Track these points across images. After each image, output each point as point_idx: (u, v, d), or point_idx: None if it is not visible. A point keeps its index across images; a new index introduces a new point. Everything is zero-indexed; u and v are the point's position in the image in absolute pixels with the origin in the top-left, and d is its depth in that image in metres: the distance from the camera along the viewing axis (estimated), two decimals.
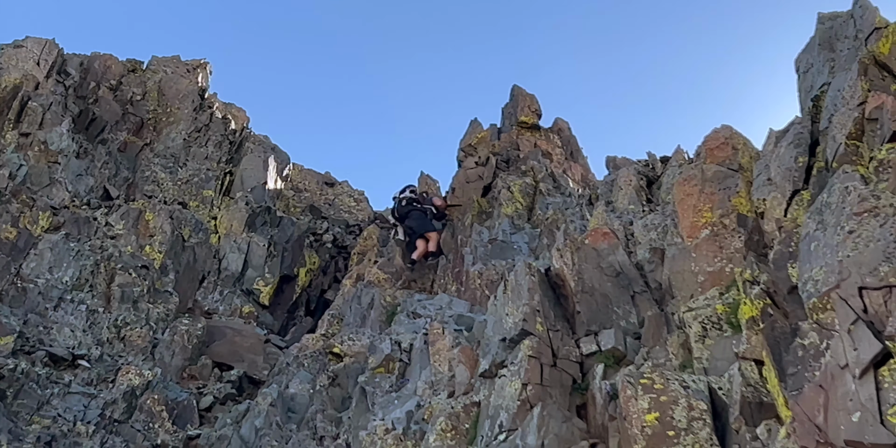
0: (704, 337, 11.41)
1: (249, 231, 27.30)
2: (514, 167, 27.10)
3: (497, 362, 13.56)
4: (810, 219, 9.74)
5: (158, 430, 17.40)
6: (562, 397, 12.35)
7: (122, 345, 20.49)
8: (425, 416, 14.63)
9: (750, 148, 14.14)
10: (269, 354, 22.40)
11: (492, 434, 12.48)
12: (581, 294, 13.75)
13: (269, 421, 17.42)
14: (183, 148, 30.93)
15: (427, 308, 20.71)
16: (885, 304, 7.18)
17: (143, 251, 24.03)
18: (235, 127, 33.07)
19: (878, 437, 6.45)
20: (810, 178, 11.50)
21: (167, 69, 34.22)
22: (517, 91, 31.94)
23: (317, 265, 28.94)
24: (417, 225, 24.27)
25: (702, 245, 12.84)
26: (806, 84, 13.78)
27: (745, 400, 9.31)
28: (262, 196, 29.94)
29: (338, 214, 33.74)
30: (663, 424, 9.70)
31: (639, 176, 18.69)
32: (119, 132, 30.45)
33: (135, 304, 21.69)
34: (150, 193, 28.25)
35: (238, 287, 26.02)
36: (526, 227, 23.24)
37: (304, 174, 35.46)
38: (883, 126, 9.74)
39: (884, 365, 6.78)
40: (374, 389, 17.18)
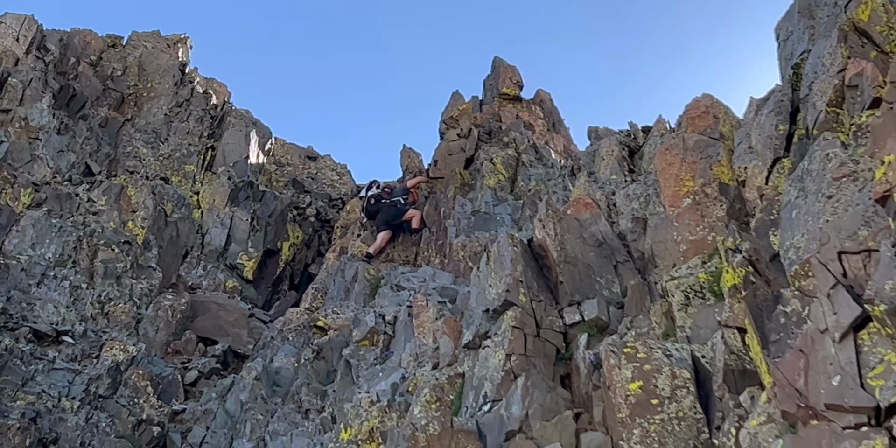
0: (687, 305, 11.43)
1: (232, 205, 27.21)
2: (497, 139, 27.08)
3: (481, 333, 13.55)
4: (791, 186, 9.75)
5: (143, 405, 17.37)
6: (546, 367, 12.36)
7: (106, 320, 20.45)
8: (410, 388, 14.64)
9: (731, 116, 14.13)
10: (254, 329, 22.38)
11: (476, 405, 12.50)
12: (564, 264, 13.75)
13: (254, 395, 17.42)
14: (164, 123, 30.80)
15: (411, 280, 20.71)
16: (864, 267, 7.20)
17: (126, 227, 23.94)
18: (217, 102, 32.94)
19: (858, 401, 6.47)
20: (791, 145, 11.51)
21: (147, 44, 34.05)
22: (498, 63, 31.87)
23: (300, 239, 28.89)
24: (389, 217, 24.22)
25: (684, 214, 12.85)
26: (786, 52, 13.77)
27: (728, 367, 9.32)
28: (244, 170, 29.84)
29: (320, 188, 33.66)
30: (647, 393, 9.73)
31: (621, 146, 18.68)
32: (100, 108, 30.30)
33: (118, 279, 21.63)
34: (132, 169, 28.11)
35: (221, 262, 25.95)
36: (508, 198, 23.25)
37: (286, 148, 35.36)
38: (863, 93, 9.74)
39: (863, 328, 6.80)
40: (359, 362, 17.19)
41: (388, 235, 23.79)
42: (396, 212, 24.19)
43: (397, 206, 24.29)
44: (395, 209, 24.23)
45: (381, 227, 24.00)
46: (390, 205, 24.30)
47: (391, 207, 24.27)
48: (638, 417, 9.60)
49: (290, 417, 16.70)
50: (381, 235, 23.71)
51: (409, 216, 24.10)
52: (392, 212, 24.19)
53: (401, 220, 24.12)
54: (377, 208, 24.44)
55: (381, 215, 24.25)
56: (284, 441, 15.93)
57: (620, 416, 9.68)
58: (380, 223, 24.16)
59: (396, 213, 24.19)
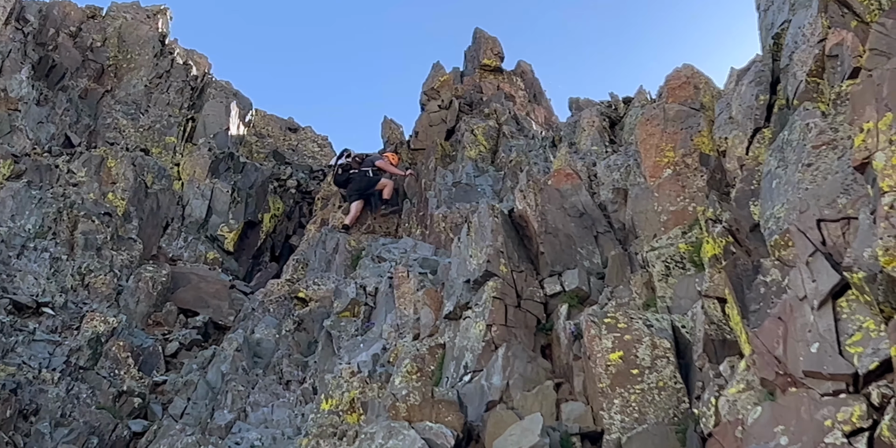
0: (667, 276, 11.46)
1: (213, 177, 27.12)
2: (478, 110, 27.06)
3: (461, 304, 13.58)
4: (772, 156, 9.76)
5: (124, 377, 17.35)
6: (526, 338, 12.40)
7: (87, 292, 20.40)
8: (391, 359, 14.67)
9: (711, 87, 14.14)
10: (235, 300, 22.35)
11: (457, 375, 12.53)
12: (544, 235, 13.76)
13: (235, 366, 17.42)
14: (144, 94, 30.66)
15: (392, 252, 20.72)
16: (843, 235, 7.21)
17: (106, 198, 23.87)
18: (197, 73, 32.80)
19: (836, 368, 6.49)
20: (771, 115, 11.52)
21: (127, 15, 33.86)
22: (479, 34, 31.83)
23: (281, 211, 28.83)
24: (361, 187, 23.95)
25: (664, 184, 12.86)
26: (766, 22, 13.74)
27: (708, 337, 9.36)
28: (224, 142, 29.73)
29: (301, 160, 33.61)
30: (627, 363, 9.75)
31: (601, 117, 18.69)
32: (80, 79, 30.15)
33: (98, 251, 21.57)
34: (112, 140, 27.99)
35: (202, 233, 25.89)
36: (490, 169, 23.25)
37: (267, 120, 35.27)
38: (843, 62, 9.74)
39: (842, 296, 6.81)
40: (340, 333, 17.21)
41: (360, 205, 23.62)
42: (368, 181, 23.96)
43: (367, 175, 24.03)
44: (366, 179, 23.98)
45: (352, 198, 23.83)
46: (361, 174, 24.05)
47: (362, 177, 23.99)
48: (618, 387, 9.62)
49: (271, 388, 16.72)
50: (354, 205, 23.52)
51: (380, 186, 23.92)
52: (364, 182, 23.97)
53: (372, 189, 23.94)
54: (346, 178, 24.24)
55: (352, 185, 24.03)
56: (266, 412, 15.96)
57: (601, 386, 9.70)
58: (350, 193, 23.96)
59: (368, 182, 23.95)
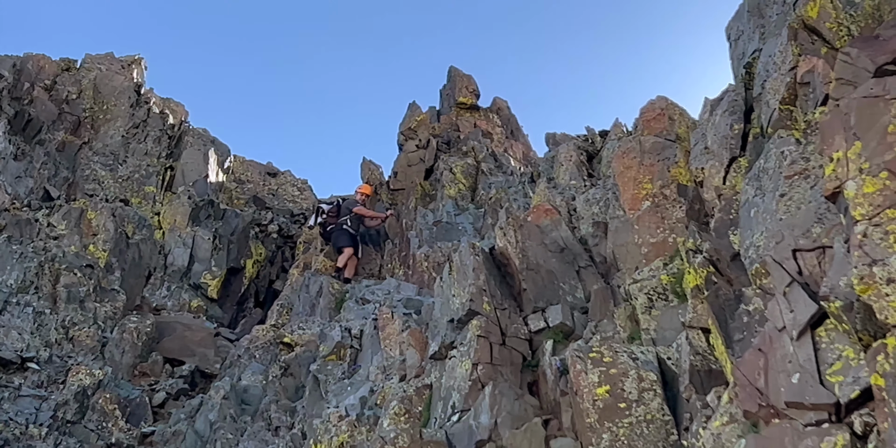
0: (651, 308, 11.46)
1: (194, 225, 27.09)
2: (455, 148, 27.12)
3: (446, 344, 13.57)
4: (749, 185, 9.80)
5: (112, 429, 17.30)
6: (513, 375, 12.39)
7: (71, 345, 20.34)
8: (378, 401, 14.63)
9: (686, 118, 14.20)
10: (220, 347, 22.30)
11: (445, 415, 12.51)
12: (526, 271, 13.78)
13: (223, 414, 17.36)
14: (122, 145, 30.65)
15: (375, 293, 20.72)
16: (819, 264, 7.23)
17: (88, 250, 23.82)
18: (174, 121, 32.81)
19: (818, 398, 6.49)
20: (747, 144, 11.56)
21: (101, 66, 33.89)
22: (454, 72, 31.94)
23: (263, 256, 28.79)
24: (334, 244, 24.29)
25: (644, 217, 12.90)
26: (738, 51, 13.84)
27: (693, 368, 9.35)
28: (204, 189, 29.73)
29: (282, 204, 33.59)
30: (614, 397, 9.76)
31: (579, 151, 18.73)
32: (56, 132, 30.13)
33: (82, 303, 21.52)
34: (91, 192, 27.99)
35: (185, 282, 25.84)
36: (470, 207, 23.28)
37: (245, 165, 35.27)
38: (815, 89, 9.80)
39: (820, 325, 6.82)
40: (327, 377, 17.17)
41: (349, 253, 23.70)
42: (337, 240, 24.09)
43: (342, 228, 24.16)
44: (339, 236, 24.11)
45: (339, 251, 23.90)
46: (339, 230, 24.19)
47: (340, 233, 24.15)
48: (606, 422, 9.62)
49: (260, 435, 16.65)
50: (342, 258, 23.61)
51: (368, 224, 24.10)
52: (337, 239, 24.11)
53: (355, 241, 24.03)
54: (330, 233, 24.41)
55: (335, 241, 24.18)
56: None
57: (589, 420, 9.70)
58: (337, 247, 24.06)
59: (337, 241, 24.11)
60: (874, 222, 6.17)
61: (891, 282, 5.90)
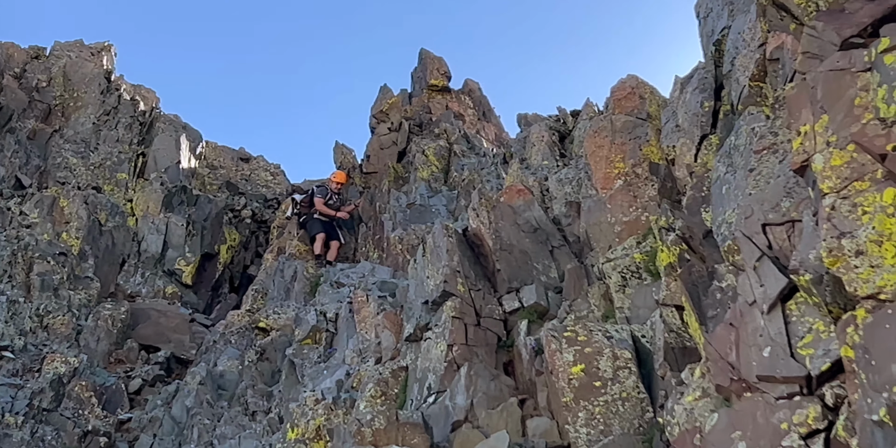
0: (624, 286, 11.51)
1: (167, 211, 26.95)
2: (428, 131, 27.13)
3: (421, 325, 13.59)
4: (720, 162, 9.82)
5: (89, 417, 17.22)
6: (488, 356, 12.41)
7: (46, 333, 20.23)
8: (355, 384, 14.63)
9: (657, 96, 14.22)
10: (196, 333, 22.22)
11: (421, 397, 12.53)
12: (500, 252, 13.79)
13: (199, 400, 17.34)
14: (93, 132, 30.42)
15: (350, 277, 20.71)
16: (789, 238, 7.24)
17: (61, 238, 23.69)
18: (145, 108, 32.60)
19: (789, 371, 6.50)
20: (717, 122, 11.59)
21: (71, 54, 33.67)
22: (425, 54, 31.89)
23: (237, 241, 28.69)
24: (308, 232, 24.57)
25: (616, 195, 12.92)
26: (707, 29, 13.82)
27: (668, 346, 9.39)
28: (176, 175, 29.57)
29: (255, 189, 33.44)
30: (590, 376, 9.79)
31: (551, 131, 18.77)
32: (27, 120, 29.90)
33: (56, 291, 21.40)
34: (63, 180, 27.79)
35: (159, 268, 25.73)
36: (443, 189, 23.29)
37: (218, 151, 35.08)
38: (784, 65, 9.80)
39: (790, 299, 6.84)
40: (303, 361, 17.17)
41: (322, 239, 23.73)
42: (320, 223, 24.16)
43: (314, 216, 24.24)
44: (317, 221, 24.18)
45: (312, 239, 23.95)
46: (311, 219, 24.28)
47: (313, 221, 24.26)
48: (582, 400, 9.66)
49: (237, 420, 16.64)
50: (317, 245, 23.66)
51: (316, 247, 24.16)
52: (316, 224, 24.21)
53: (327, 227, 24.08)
54: (304, 222, 24.50)
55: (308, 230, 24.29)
56: (233, 444, 15.87)
57: (565, 400, 9.72)
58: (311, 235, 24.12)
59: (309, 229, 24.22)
60: (842, 195, 6.18)
61: (859, 254, 5.91)
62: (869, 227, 5.94)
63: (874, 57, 6.52)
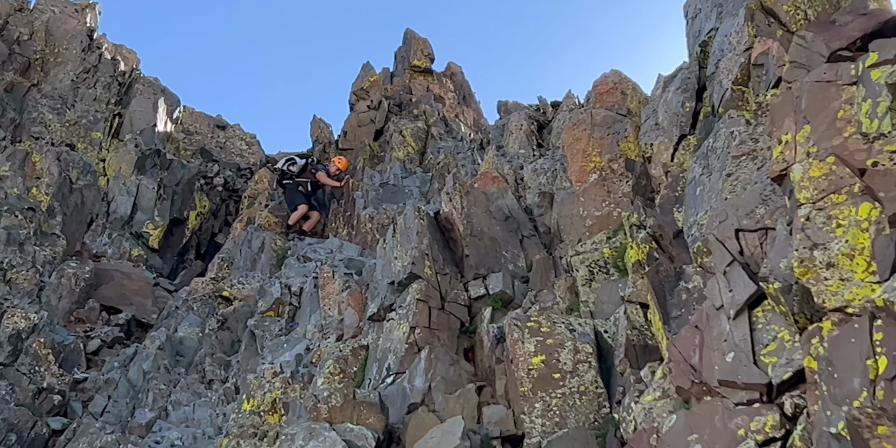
0: (591, 280, 11.55)
1: (139, 174, 26.80)
2: (407, 111, 27.09)
3: (386, 306, 13.59)
4: (696, 164, 9.86)
5: (45, 374, 17.14)
6: (450, 340, 12.44)
7: (8, 288, 20.10)
8: (314, 360, 14.63)
9: (639, 93, 14.25)
10: (158, 298, 22.14)
11: (379, 377, 12.54)
12: (470, 238, 13.81)
13: (157, 364, 17.29)
14: (71, 89, 30.22)
15: (317, 252, 20.68)
16: (761, 245, 7.29)
17: (30, 193, 23.53)
18: (125, 68, 32.40)
19: (750, 377, 6.55)
20: (697, 123, 11.63)
21: (55, 9, 33.43)
22: (410, 35, 31.83)
23: (207, 208, 28.56)
24: (288, 200, 24.06)
25: (590, 189, 12.95)
26: (694, 29, 13.87)
27: (630, 343, 9.44)
28: (151, 138, 29.39)
29: (229, 158, 33.29)
30: (549, 367, 9.82)
31: (530, 121, 18.77)
32: (5, 72, 29.67)
33: (21, 246, 21.27)
34: (38, 135, 27.61)
35: (127, 230, 25.60)
36: (417, 171, 23.26)
37: (195, 117, 34.90)
38: (768, 71, 9.84)
39: (758, 306, 6.89)
40: (264, 333, 17.15)
41: (303, 211, 23.57)
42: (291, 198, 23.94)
43: (299, 188, 24.01)
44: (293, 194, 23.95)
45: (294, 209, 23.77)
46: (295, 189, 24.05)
47: (293, 190, 24.02)
48: (540, 391, 9.69)
49: (193, 387, 16.62)
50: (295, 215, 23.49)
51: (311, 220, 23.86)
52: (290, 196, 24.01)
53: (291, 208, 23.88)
54: (283, 185, 24.27)
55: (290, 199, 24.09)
56: (187, 411, 15.87)
57: (522, 389, 9.75)
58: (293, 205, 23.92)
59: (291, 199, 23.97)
60: (818, 206, 6.23)
61: (830, 266, 5.96)
62: (842, 240, 5.99)
63: (861, 71, 6.56)
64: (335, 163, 24.58)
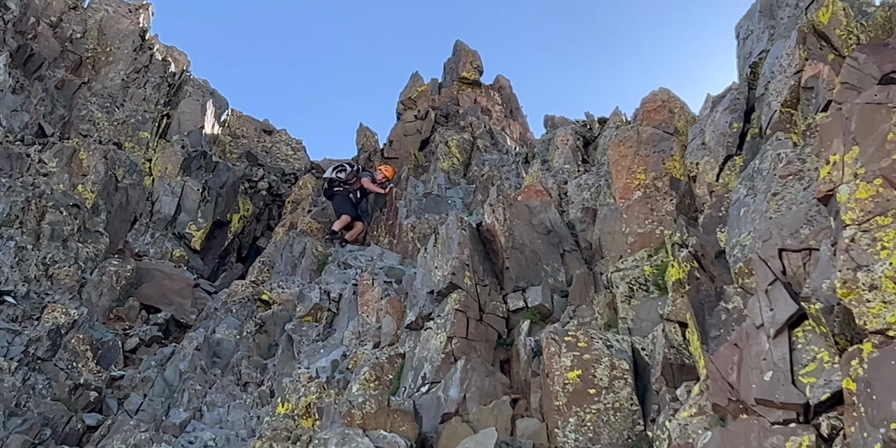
0: (631, 297, 11.50)
1: (184, 175, 27.00)
2: (453, 122, 27.13)
3: (424, 314, 13.59)
4: (741, 184, 9.82)
5: (82, 370, 17.25)
6: (486, 352, 12.42)
7: (50, 283, 20.26)
8: (350, 366, 14.66)
9: (686, 112, 14.21)
10: (198, 299, 22.25)
11: (415, 385, 12.54)
12: (511, 250, 13.79)
13: (193, 365, 17.37)
14: (121, 88, 30.49)
15: (358, 259, 20.72)
16: (804, 266, 7.26)
17: (76, 190, 23.70)
18: (175, 70, 32.65)
19: (788, 397, 6.52)
20: (744, 144, 11.59)
21: (108, 8, 33.70)
22: (460, 46, 31.87)
23: (250, 212, 28.73)
24: (336, 207, 23.90)
25: (633, 206, 12.92)
26: (745, 50, 13.85)
27: (667, 361, 9.39)
28: (198, 140, 29.60)
29: (274, 162, 33.45)
30: (585, 382, 9.78)
31: (576, 136, 18.75)
32: (57, 69, 29.96)
33: (64, 242, 21.42)
34: (86, 132, 27.83)
35: (170, 230, 25.80)
36: (461, 182, 23.27)
37: (242, 120, 35.09)
38: (818, 95, 9.81)
39: (798, 326, 6.86)
40: (301, 338, 17.20)
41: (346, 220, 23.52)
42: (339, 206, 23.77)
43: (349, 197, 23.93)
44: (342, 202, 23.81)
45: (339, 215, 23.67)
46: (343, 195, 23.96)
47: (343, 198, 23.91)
48: (574, 406, 9.66)
49: (228, 389, 16.69)
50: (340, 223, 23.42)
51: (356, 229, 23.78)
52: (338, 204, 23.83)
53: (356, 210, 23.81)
54: (332, 193, 24.15)
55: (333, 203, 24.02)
56: (221, 412, 15.92)
57: (557, 403, 9.73)
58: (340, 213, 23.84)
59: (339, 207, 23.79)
60: (863, 228, 6.20)
61: (873, 288, 5.93)
62: (886, 262, 5.96)
63: None
64: (381, 171, 24.60)
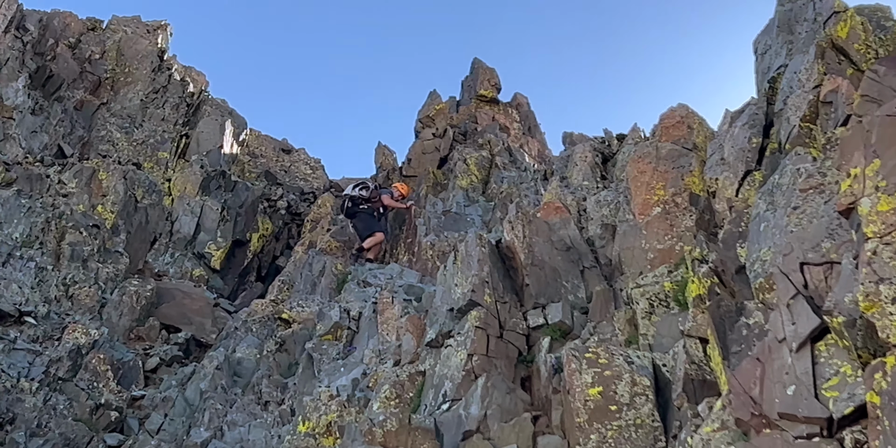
0: (651, 313, 11.47)
1: (203, 194, 27.13)
2: (472, 140, 27.19)
3: (444, 332, 13.58)
4: (761, 199, 9.80)
5: (103, 390, 17.30)
6: (507, 369, 12.39)
7: (70, 303, 20.35)
8: (370, 384, 14.65)
9: (705, 127, 14.18)
10: (218, 318, 22.31)
11: (435, 403, 12.51)
12: (531, 267, 13.78)
13: (214, 384, 17.40)
14: (140, 108, 30.68)
15: (378, 277, 20.73)
16: (826, 279, 7.23)
17: (95, 210, 23.84)
18: (194, 90, 32.84)
19: (811, 411, 6.49)
20: (763, 159, 11.56)
21: (127, 29, 33.94)
22: (478, 64, 31.97)
23: (270, 231, 28.82)
24: (361, 227, 23.63)
25: (653, 222, 12.89)
26: (763, 65, 13.83)
27: (688, 377, 9.35)
28: (217, 160, 29.77)
29: (293, 181, 33.59)
30: (606, 399, 9.75)
31: (594, 152, 18.72)
32: (76, 90, 30.17)
33: (84, 262, 21.53)
34: (105, 153, 28.02)
35: (189, 250, 25.90)
36: (480, 200, 23.29)
37: (260, 140, 35.24)
38: (837, 109, 9.79)
39: (821, 340, 6.83)
40: (321, 356, 17.20)
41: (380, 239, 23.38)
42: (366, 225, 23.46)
43: (372, 215, 23.76)
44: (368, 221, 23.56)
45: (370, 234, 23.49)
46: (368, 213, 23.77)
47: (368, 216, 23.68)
48: (596, 423, 9.62)
49: (248, 408, 16.69)
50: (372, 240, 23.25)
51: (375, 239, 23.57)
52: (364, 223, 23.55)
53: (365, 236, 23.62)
54: (354, 212, 23.93)
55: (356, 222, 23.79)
56: (242, 432, 15.92)
57: (578, 420, 9.69)
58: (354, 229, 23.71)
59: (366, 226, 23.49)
60: (885, 240, 6.18)
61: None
62: None
63: None
64: (398, 188, 24.62)
